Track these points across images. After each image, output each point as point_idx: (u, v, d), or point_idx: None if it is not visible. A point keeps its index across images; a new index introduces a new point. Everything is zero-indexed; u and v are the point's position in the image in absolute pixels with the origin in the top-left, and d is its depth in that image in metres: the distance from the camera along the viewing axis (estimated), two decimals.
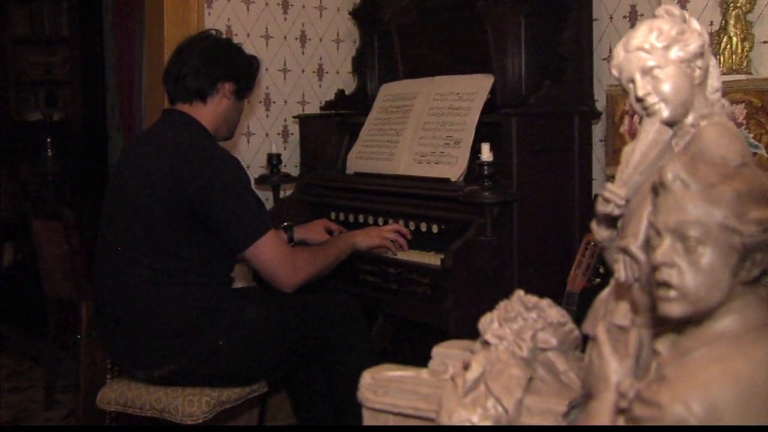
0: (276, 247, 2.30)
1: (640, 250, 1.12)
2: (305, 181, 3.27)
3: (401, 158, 2.97)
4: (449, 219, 2.67)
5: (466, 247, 2.46)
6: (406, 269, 2.57)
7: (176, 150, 2.28)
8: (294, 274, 2.31)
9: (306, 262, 2.36)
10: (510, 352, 1.16)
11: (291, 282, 2.32)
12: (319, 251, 2.47)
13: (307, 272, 2.36)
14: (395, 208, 2.87)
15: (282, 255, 2.30)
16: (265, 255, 2.27)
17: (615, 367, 1.08)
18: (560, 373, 1.24)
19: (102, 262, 2.37)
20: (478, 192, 2.48)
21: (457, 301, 2.42)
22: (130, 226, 2.29)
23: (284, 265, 2.29)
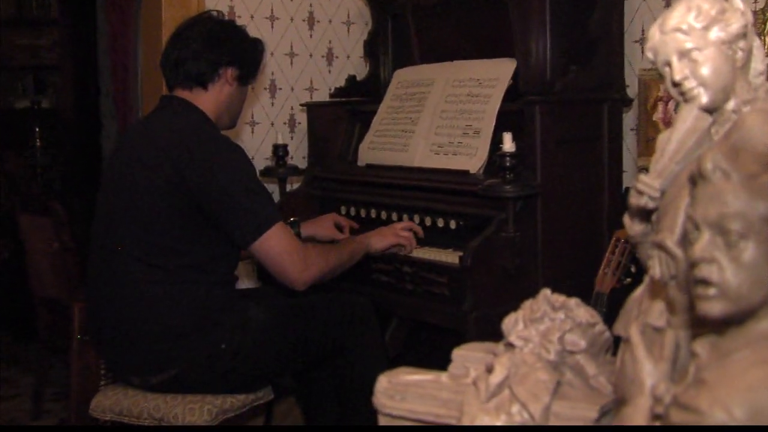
0: (286, 240, 2.31)
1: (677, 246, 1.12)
2: (313, 173, 3.29)
3: (417, 149, 2.98)
4: (468, 214, 2.68)
5: (487, 244, 2.47)
6: (421, 268, 2.59)
7: (176, 138, 2.29)
8: (305, 269, 2.33)
9: (318, 257, 2.38)
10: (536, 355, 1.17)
11: (302, 278, 2.33)
12: (332, 248, 2.49)
13: (320, 268, 2.37)
14: (410, 203, 2.88)
15: (292, 248, 2.31)
16: (274, 249, 2.29)
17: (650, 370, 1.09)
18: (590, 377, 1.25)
19: (95, 259, 2.39)
20: (499, 185, 2.50)
21: (476, 302, 2.43)
22: (126, 221, 2.31)
23: (295, 260, 2.30)
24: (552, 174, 2.62)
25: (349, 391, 2.52)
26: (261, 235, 2.27)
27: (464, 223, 2.69)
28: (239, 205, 2.25)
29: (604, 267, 2.44)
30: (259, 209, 2.28)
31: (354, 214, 3.08)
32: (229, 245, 2.35)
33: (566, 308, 1.22)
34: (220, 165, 2.25)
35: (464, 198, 2.69)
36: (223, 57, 2.46)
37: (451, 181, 2.75)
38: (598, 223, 2.77)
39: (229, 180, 2.25)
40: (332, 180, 3.24)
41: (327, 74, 3.72)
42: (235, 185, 2.25)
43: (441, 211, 2.77)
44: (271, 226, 2.28)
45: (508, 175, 2.49)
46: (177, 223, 2.27)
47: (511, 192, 2.48)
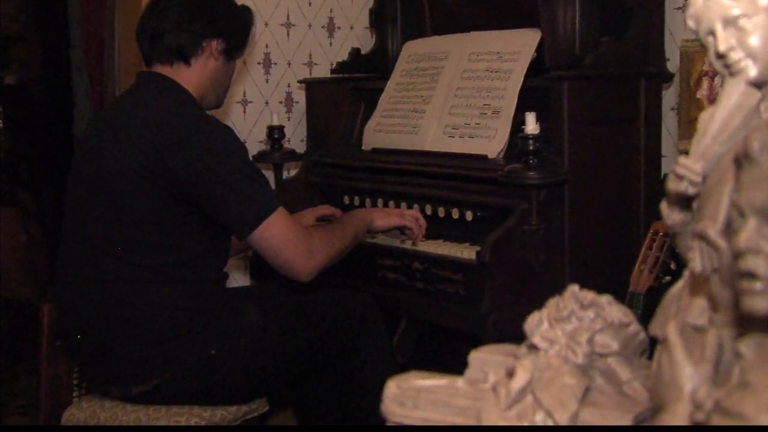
0: (289, 227, 2.34)
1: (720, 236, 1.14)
2: (313, 159, 3.32)
3: (429, 131, 3.00)
4: (486, 204, 2.71)
5: (507, 238, 2.49)
6: (434, 264, 2.61)
7: (156, 119, 2.31)
8: (311, 258, 2.35)
9: (323, 243, 2.40)
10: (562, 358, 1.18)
11: (308, 268, 2.35)
12: (334, 229, 2.52)
13: (325, 255, 2.39)
14: (421, 191, 2.91)
15: (296, 236, 2.34)
16: (276, 238, 2.31)
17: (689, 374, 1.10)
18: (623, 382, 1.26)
19: (67, 255, 2.41)
20: (521, 171, 2.52)
21: (495, 302, 2.45)
22: (101, 212, 2.33)
23: (300, 249, 2.33)
24: (581, 159, 2.64)
25: (353, 400, 2.55)
26: (261, 223, 2.29)
27: (482, 214, 2.71)
28: (233, 191, 2.27)
29: (640, 264, 2.46)
30: (256, 194, 2.29)
31: (358, 204, 3.11)
32: (218, 239, 2.37)
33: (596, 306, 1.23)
34: (208, 147, 2.27)
35: (482, 186, 2.71)
36: (206, 28, 2.47)
37: (468, 166, 2.78)
38: (633, 215, 2.79)
39: (220, 163, 2.26)
40: (334, 166, 3.27)
41: (328, 47, 3.74)
42: (226, 169, 2.27)
43: (456, 201, 2.79)
44: (271, 212, 2.30)
45: (531, 160, 2.51)
46: (159, 215, 2.29)
47: (535, 179, 2.50)
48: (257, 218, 2.29)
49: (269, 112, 3.53)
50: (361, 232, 2.61)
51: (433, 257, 2.64)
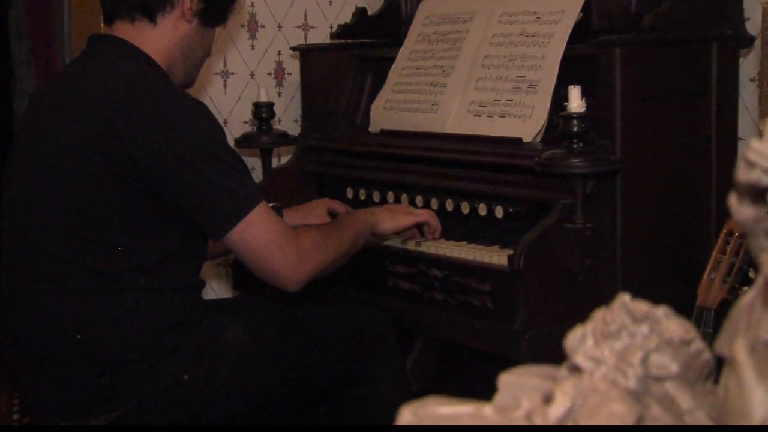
0: (272, 226, 2.36)
1: None
2: (309, 143, 3.35)
3: (450, 110, 3.03)
4: (520, 198, 2.74)
5: (546, 239, 2.52)
6: (456, 271, 2.65)
7: (113, 93, 2.33)
8: (299, 263, 2.38)
9: (315, 246, 2.43)
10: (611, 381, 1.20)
11: (296, 276, 2.38)
12: (329, 231, 2.55)
13: (317, 260, 2.43)
14: (441, 182, 2.94)
15: (281, 236, 2.36)
16: (257, 239, 2.33)
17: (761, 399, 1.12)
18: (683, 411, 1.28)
19: (6, 260, 2.44)
20: (563, 158, 2.54)
21: (531, 317, 2.49)
22: (48, 207, 2.35)
23: (285, 252, 2.36)
24: (637, 143, 2.66)
25: None
26: (239, 220, 2.31)
27: (514, 211, 2.75)
28: (207, 182, 2.30)
29: (710, 272, 2.45)
30: (234, 186, 2.32)
31: (364, 198, 3.13)
32: (191, 239, 2.41)
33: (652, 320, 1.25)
34: (176, 128, 2.29)
35: (515, 176, 2.74)
36: None
37: (497, 152, 2.80)
38: (702, 212, 2.81)
39: (191, 148, 2.29)
40: (334, 151, 3.30)
41: (327, 6, 3.76)
42: (199, 155, 2.29)
43: (483, 194, 2.82)
44: (252, 208, 2.32)
45: (575, 144, 2.53)
46: (118, 210, 2.32)
47: (580, 167, 2.52)
48: (235, 215, 2.31)
49: (255, 85, 3.57)
50: (362, 236, 2.64)
51: (456, 263, 2.67)
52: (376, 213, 2.74)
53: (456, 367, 3.10)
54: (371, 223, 2.68)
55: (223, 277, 3.54)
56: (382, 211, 2.75)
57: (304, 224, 2.80)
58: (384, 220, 2.72)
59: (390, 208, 2.80)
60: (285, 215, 2.84)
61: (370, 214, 2.72)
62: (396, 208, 2.80)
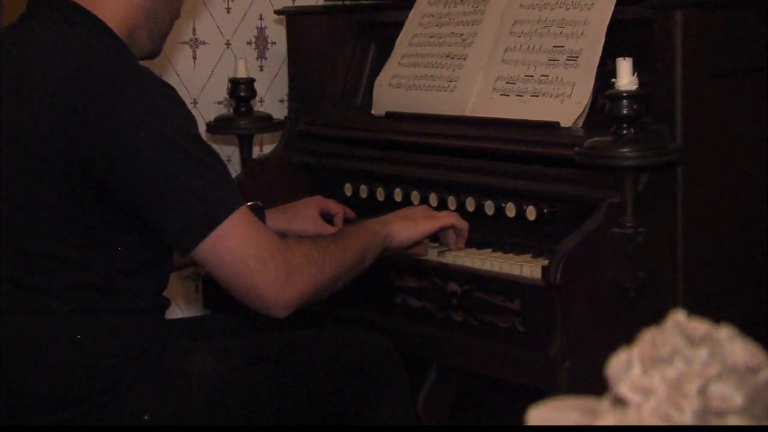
0: (253, 236, 2.34)
1: None
2: (298, 128, 3.34)
3: (471, 87, 3.02)
4: (557, 196, 2.74)
5: (588, 247, 2.51)
6: (479, 286, 2.64)
7: (59, 72, 2.33)
8: (287, 283, 2.35)
9: (308, 261, 2.40)
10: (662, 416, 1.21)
11: (282, 298, 2.35)
12: (328, 244, 2.51)
13: (310, 280, 2.40)
14: (460, 177, 2.94)
15: (264, 249, 2.34)
16: (234, 252, 2.31)
17: None
18: None
19: None
20: (610, 147, 2.53)
21: (571, 343, 2.48)
22: None
23: (270, 268, 2.33)
24: (702, 128, 2.66)
25: None
26: (212, 230, 2.29)
27: (550, 212, 2.75)
28: (172, 182, 2.28)
29: None
30: (207, 187, 2.31)
31: (365, 196, 3.13)
32: (153, 250, 2.41)
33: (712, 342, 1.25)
34: (136, 115, 2.28)
35: (551, 169, 2.74)
36: None
37: (530, 140, 2.80)
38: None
39: (154, 140, 2.28)
40: (329, 139, 3.30)
41: None
42: (163, 148, 2.29)
43: (511, 192, 2.82)
44: (228, 214, 2.31)
45: (625, 130, 2.52)
46: (65, 217, 2.32)
47: (632, 158, 2.50)
48: (206, 223, 2.29)
49: (232, 57, 3.57)
50: (372, 251, 2.60)
51: (478, 275, 2.66)
52: (389, 222, 2.68)
53: (478, 403, 3.08)
54: (383, 234, 2.64)
55: (191, 294, 3.55)
56: (395, 219, 2.70)
57: (294, 233, 2.82)
58: (399, 229, 2.67)
59: (404, 214, 2.74)
60: (268, 217, 2.83)
61: (381, 224, 2.67)
62: (412, 213, 2.75)
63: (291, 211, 2.96)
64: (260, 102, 3.57)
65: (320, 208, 2.98)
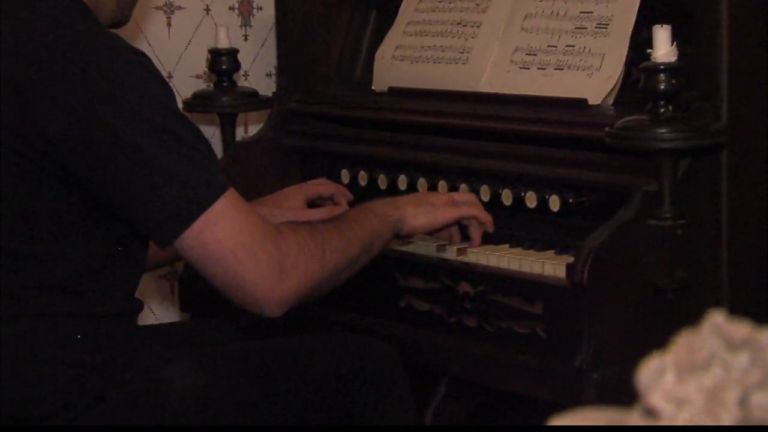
0: (243, 223, 2.34)
1: None
2: (288, 106, 3.36)
3: (486, 59, 3.04)
4: (585, 183, 2.75)
5: (620, 242, 2.52)
6: (495, 287, 2.64)
7: (18, 44, 2.33)
8: (281, 277, 2.35)
9: (305, 251, 2.40)
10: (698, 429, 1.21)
11: (276, 293, 2.36)
12: (329, 230, 2.51)
13: (309, 273, 2.40)
14: (473, 162, 2.95)
15: (255, 237, 2.34)
16: (221, 241, 2.31)
17: None
18: None
19: None
20: (646, 127, 2.53)
21: (600, 351, 2.48)
22: None
23: (261, 259, 2.33)
24: (752, 106, 2.66)
25: None
26: (197, 217, 2.30)
27: (577, 201, 2.75)
28: (150, 164, 2.29)
29: None
30: (188, 169, 2.31)
31: (365, 184, 3.15)
32: (125, 245, 2.42)
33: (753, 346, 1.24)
34: (105, 88, 2.29)
35: (577, 153, 2.75)
36: None
37: (553, 119, 2.81)
38: None
39: (127, 116, 2.29)
40: (323, 118, 3.32)
41: None
42: (138, 125, 2.29)
43: (532, 179, 2.83)
44: (214, 198, 2.31)
45: (663, 108, 2.53)
46: (26, 208, 2.33)
47: (671, 140, 2.50)
48: (190, 210, 2.29)
49: (212, 24, 3.58)
50: (380, 238, 2.61)
51: (495, 275, 2.67)
52: (402, 204, 2.69)
53: (494, 419, 3.08)
54: (394, 219, 2.65)
55: (166, 296, 3.56)
56: (410, 202, 2.71)
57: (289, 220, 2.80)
58: (414, 214, 2.68)
59: (421, 199, 2.75)
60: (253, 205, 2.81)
61: (392, 206, 2.67)
62: (430, 198, 2.76)
63: (271, 204, 2.96)
64: (244, 76, 3.58)
65: (306, 196, 2.99)
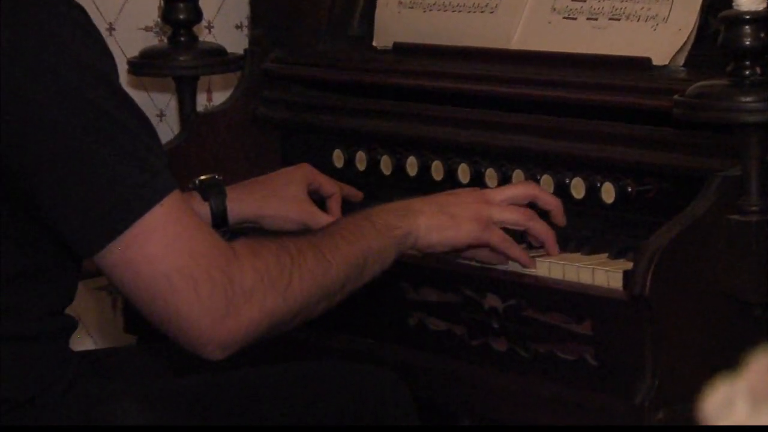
0: (183, 240, 2.35)
1: None
2: (265, 66, 3.38)
3: (519, 8, 3.05)
4: (647, 167, 2.76)
5: (693, 242, 2.52)
6: (530, 300, 2.65)
7: None
8: (227, 313, 2.33)
9: (264, 281, 2.39)
10: None
11: (219, 334, 2.34)
12: (303, 251, 2.48)
13: (265, 309, 2.38)
14: (502, 140, 2.96)
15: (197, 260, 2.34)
16: (152, 261, 2.31)
17: None
18: None
19: None
20: (726, 95, 2.53)
21: (667, 382, 2.47)
22: None
23: (201, 289, 2.32)
24: None
25: None
26: (125, 227, 2.30)
27: (637, 190, 2.76)
28: (75, 155, 2.31)
29: None
30: (121, 165, 2.32)
31: (364, 167, 3.16)
32: (52, 252, 2.43)
33: None
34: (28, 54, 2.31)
35: (638, 128, 2.76)
36: None
37: (607, 85, 2.82)
38: None
39: (53, 90, 2.31)
40: (311, 83, 3.34)
41: None
42: (65, 103, 2.31)
43: (579, 161, 2.84)
44: (150, 204, 2.31)
45: (748, 70, 2.53)
46: None
47: (758, 112, 2.50)
48: (116, 219, 2.30)
49: None
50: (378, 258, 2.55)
51: (529, 286, 2.67)
52: (414, 213, 2.61)
53: None
54: (401, 234, 2.59)
55: (107, 313, 3.59)
56: (424, 210, 2.63)
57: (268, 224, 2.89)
58: (429, 228, 2.61)
59: (441, 205, 2.66)
60: (230, 198, 2.88)
61: (399, 215, 2.61)
62: (453, 206, 2.66)
63: (264, 189, 2.98)
64: (208, 28, 3.61)
65: (309, 184, 2.99)
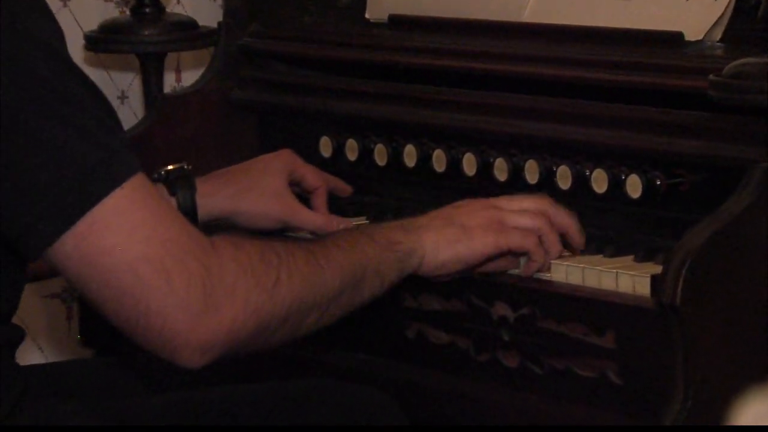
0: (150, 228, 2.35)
1: None
2: (241, 42, 3.39)
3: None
4: (679, 157, 2.77)
5: (732, 243, 2.53)
6: (544, 309, 2.66)
7: None
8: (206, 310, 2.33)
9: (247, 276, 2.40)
10: None
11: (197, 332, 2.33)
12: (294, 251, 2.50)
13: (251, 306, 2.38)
14: (513, 126, 2.97)
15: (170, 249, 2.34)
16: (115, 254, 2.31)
17: None
18: None
19: None
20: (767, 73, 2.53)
21: (701, 403, 2.48)
22: None
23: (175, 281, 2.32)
24: None
25: None
26: (80, 215, 2.30)
27: (665, 183, 2.77)
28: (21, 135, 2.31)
29: None
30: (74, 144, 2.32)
31: (355, 157, 3.18)
32: None
33: None
34: None
35: (668, 112, 2.77)
36: None
37: (634, 63, 2.83)
38: None
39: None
40: (294, 61, 3.36)
41: None
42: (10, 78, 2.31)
43: (601, 150, 2.85)
44: (109, 188, 2.31)
45: None
46: None
47: None
48: (72, 203, 2.30)
49: None
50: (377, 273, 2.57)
51: (545, 292, 2.68)
52: (418, 227, 2.64)
53: None
54: (403, 250, 2.61)
55: (61, 323, 3.60)
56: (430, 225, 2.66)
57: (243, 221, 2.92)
58: (436, 244, 2.63)
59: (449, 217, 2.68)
60: (200, 191, 2.89)
61: (402, 230, 2.64)
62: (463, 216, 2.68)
63: (239, 181, 2.99)
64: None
65: (290, 174, 3.00)
